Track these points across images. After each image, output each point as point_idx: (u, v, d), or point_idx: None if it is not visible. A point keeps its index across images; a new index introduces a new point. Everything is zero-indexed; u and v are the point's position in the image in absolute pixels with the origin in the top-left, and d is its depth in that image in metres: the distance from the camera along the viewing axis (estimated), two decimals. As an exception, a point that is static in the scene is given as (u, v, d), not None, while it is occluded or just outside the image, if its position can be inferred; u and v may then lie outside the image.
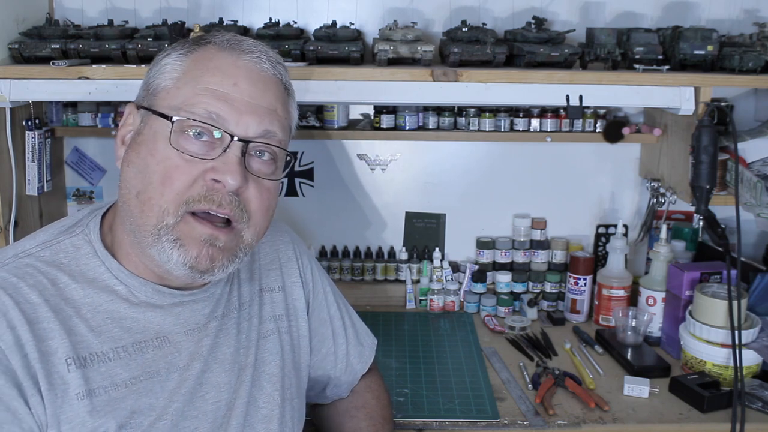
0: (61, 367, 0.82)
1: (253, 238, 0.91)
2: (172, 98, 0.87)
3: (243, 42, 0.92)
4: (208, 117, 0.85)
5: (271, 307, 1.06)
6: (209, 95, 0.86)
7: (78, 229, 0.93)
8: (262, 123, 0.88)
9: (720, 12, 1.73)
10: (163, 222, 0.84)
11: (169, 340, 0.91)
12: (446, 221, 1.88)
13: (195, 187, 0.85)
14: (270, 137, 0.89)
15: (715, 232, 1.47)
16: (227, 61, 0.89)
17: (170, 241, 0.84)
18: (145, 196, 0.85)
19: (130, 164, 0.88)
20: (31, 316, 0.82)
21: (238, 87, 0.87)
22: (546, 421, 1.31)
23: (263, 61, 0.91)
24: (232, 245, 0.88)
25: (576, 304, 1.78)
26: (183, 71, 0.89)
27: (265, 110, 0.89)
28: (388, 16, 1.71)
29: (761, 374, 1.43)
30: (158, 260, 0.86)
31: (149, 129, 0.88)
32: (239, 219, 0.87)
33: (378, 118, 1.73)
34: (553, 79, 1.44)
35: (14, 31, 1.52)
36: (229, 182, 0.85)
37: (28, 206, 1.59)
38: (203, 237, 0.85)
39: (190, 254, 0.85)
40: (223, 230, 0.86)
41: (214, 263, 0.86)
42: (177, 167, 0.84)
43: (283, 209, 1.85)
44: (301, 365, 1.10)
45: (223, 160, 0.85)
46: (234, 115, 0.86)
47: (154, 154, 0.85)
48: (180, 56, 0.90)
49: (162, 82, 0.89)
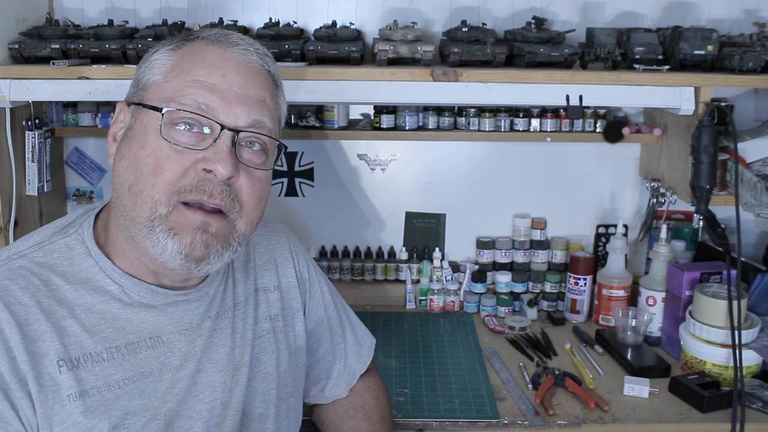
0: (52, 369, 0.82)
1: (247, 228, 0.91)
2: (161, 91, 0.88)
3: (230, 35, 0.93)
4: (198, 107, 0.86)
5: (267, 306, 1.06)
6: (198, 86, 0.87)
7: (71, 229, 0.93)
8: (251, 113, 0.89)
9: (720, 12, 1.73)
10: (156, 212, 0.84)
11: (162, 341, 0.91)
12: (446, 221, 1.88)
13: (186, 177, 0.85)
14: (260, 127, 0.90)
15: (715, 232, 1.47)
16: (215, 53, 0.90)
17: (164, 231, 0.84)
18: (137, 188, 0.85)
19: (122, 159, 0.88)
20: (22, 318, 0.82)
21: (226, 78, 0.88)
22: (546, 421, 1.31)
23: (250, 53, 0.92)
24: (225, 232, 0.88)
25: (576, 304, 1.78)
26: (171, 65, 0.90)
27: (253, 100, 0.90)
28: (388, 16, 1.71)
29: (761, 374, 1.43)
30: (153, 253, 0.85)
31: (140, 123, 0.88)
32: (231, 209, 0.87)
33: (378, 118, 1.73)
34: (553, 79, 1.44)
35: (14, 31, 1.52)
36: (220, 171, 0.85)
37: (28, 206, 1.59)
38: (196, 224, 0.85)
39: (184, 242, 0.84)
40: (215, 216, 0.86)
41: (209, 249, 0.86)
42: (168, 158, 0.85)
43: (283, 209, 1.85)
44: (298, 365, 1.10)
45: (214, 150, 0.86)
46: (223, 106, 0.87)
47: (145, 146, 0.86)
48: (168, 51, 0.91)
49: (151, 77, 0.90)
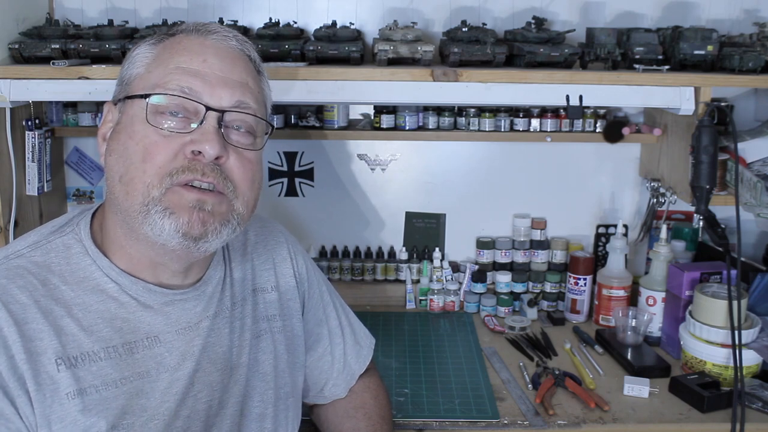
0: (50, 367, 0.82)
1: (244, 209, 0.91)
2: (145, 81, 0.89)
3: (208, 25, 0.95)
4: (181, 91, 0.87)
5: (265, 307, 1.06)
6: (180, 72, 0.88)
7: (68, 228, 0.93)
8: (234, 94, 0.90)
9: (720, 12, 1.73)
10: (150, 196, 0.84)
11: (159, 340, 0.91)
12: (446, 221, 1.88)
13: (176, 160, 0.85)
14: (244, 107, 0.91)
15: (715, 232, 1.47)
16: (195, 41, 0.91)
17: (159, 212, 0.84)
18: (128, 177, 0.85)
19: (112, 153, 0.88)
20: (20, 317, 0.82)
21: (207, 63, 0.89)
22: (546, 421, 1.31)
23: (229, 39, 0.94)
24: (222, 209, 0.88)
25: (576, 304, 1.78)
26: (153, 57, 0.91)
27: (236, 83, 0.90)
28: (388, 16, 1.71)
29: (761, 374, 1.43)
30: (151, 235, 0.85)
31: (126, 116, 0.89)
32: (224, 188, 0.87)
33: (378, 118, 1.73)
34: (553, 79, 1.44)
35: (14, 31, 1.52)
36: (208, 151, 0.85)
37: (28, 206, 1.59)
38: (191, 202, 0.85)
39: (182, 220, 0.84)
40: (211, 194, 0.86)
41: (206, 227, 0.86)
42: (156, 144, 0.85)
43: (283, 209, 1.85)
44: (297, 365, 1.10)
45: (201, 131, 0.86)
46: (207, 88, 0.88)
47: (133, 136, 0.86)
48: (150, 46, 0.93)
49: (134, 71, 0.91)
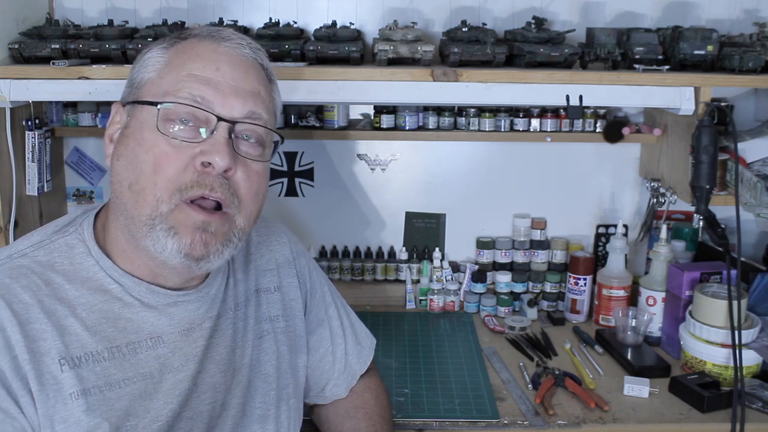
0: (53, 368, 0.82)
1: (246, 223, 0.91)
2: (156, 87, 0.88)
3: (222, 31, 0.94)
4: (193, 100, 0.86)
5: (267, 307, 1.06)
6: (193, 80, 0.87)
7: (71, 228, 0.93)
8: (246, 104, 0.89)
9: (720, 12, 1.73)
10: (158, 211, 0.84)
11: (163, 341, 0.90)
12: (446, 221, 1.88)
13: (186, 173, 0.85)
14: (255, 118, 0.90)
15: (715, 232, 1.46)
16: (208, 48, 0.90)
17: (164, 230, 0.84)
18: (138, 187, 0.85)
19: (120, 158, 0.88)
20: (23, 317, 0.82)
21: (220, 71, 0.88)
22: (546, 421, 1.31)
23: (243, 47, 0.93)
24: (224, 230, 0.88)
25: (576, 304, 1.78)
26: (165, 62, 0.90)
27: (248, 92, 0.90)
28: (388, 16, 1.71)
29: (761, 374, 1.43)
30: (153, 251, 0.85)
31: (136, 121, 0.88)
32: (230, 204, 0.87)
33: (378, 118, 1.73)
34: (553, 79, 1.44)
35: (14, 31, 1.52)
36: (218, 162, 0.85)
37: (28, 206, 1.59)
38: (197, 224, 0.85)
39: (184, 241, 0.84)
40: (215, 215, 0.86)
41: (209, 248, 0.86)
42: (166, 155, 0.85)
43: (283, 209, 1.85)
44: (298, 365, 1.10)
45: (211, 142, 0.86)
46: (219, 98, 0.87)
47: (142, 143, 0.86)
48: (162, 49, 0.92)
49: (146, 74, 0.90)
